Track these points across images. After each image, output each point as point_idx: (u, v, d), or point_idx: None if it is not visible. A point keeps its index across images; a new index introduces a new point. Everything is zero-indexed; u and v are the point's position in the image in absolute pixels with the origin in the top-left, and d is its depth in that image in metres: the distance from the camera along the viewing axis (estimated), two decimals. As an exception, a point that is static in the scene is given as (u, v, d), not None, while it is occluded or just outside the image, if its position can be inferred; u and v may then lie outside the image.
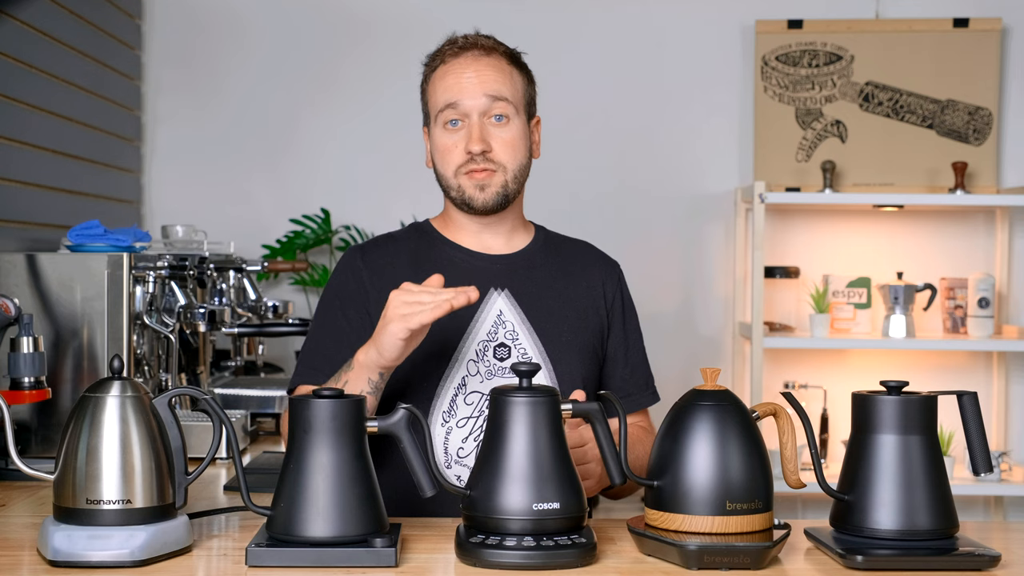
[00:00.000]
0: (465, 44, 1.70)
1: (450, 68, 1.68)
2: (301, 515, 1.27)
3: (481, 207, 1.68)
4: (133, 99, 3.05)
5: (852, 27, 3.16)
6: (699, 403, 1.33)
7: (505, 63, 1.69)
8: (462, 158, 1.66)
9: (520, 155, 1.69)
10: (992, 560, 1.29)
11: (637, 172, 3.19)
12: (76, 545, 1.25)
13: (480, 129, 1.65)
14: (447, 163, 1.68)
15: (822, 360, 3.20)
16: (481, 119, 1.66)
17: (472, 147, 1.64)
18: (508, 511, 1.28)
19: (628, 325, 1.78)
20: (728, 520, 1.29)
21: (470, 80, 1.66)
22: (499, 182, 1.67)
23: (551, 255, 1.76)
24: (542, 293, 1.71)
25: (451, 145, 1.67)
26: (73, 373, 1.86)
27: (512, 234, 1.75)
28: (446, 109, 1.67)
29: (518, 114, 1.68)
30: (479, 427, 1.64)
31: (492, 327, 1.67)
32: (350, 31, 3.17)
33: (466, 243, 1.74)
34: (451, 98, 1.66)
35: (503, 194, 1.68)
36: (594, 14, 3.18)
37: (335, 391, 1.31)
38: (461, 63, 1.68)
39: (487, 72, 1.67)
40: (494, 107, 1.66)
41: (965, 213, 3.20)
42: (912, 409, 1.34)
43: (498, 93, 1.66)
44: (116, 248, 1.94)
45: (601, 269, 1.78)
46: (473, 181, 1.66)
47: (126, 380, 1.32)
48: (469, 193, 1.67)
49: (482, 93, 1.65)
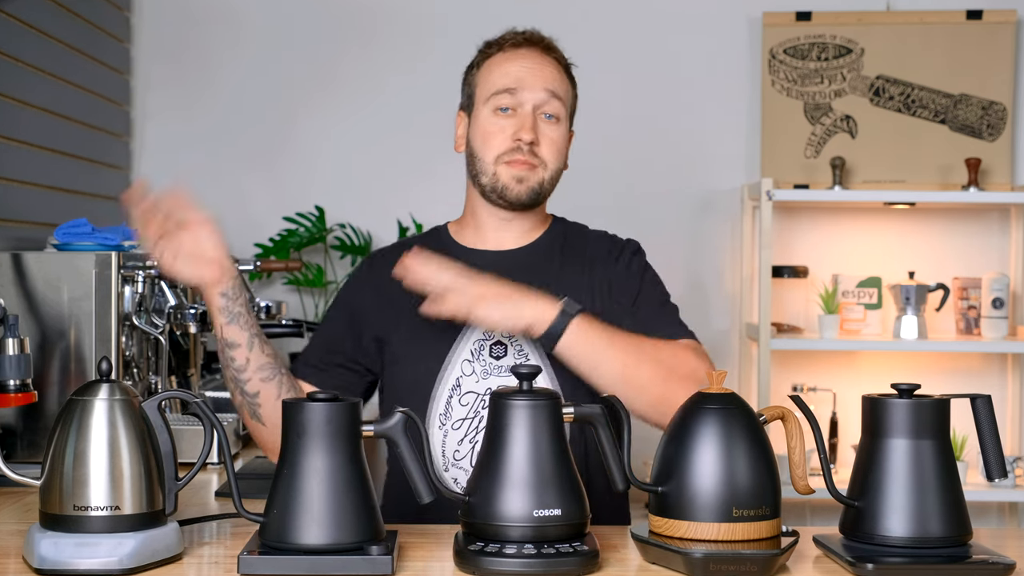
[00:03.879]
0: (529, 38, 1.71)
1: (510, 56, 1.69)
2: (295, 522, 1.25)
3: (515, 199, 1.67)
4: (122, 94, 3.03)
5: (862, 19, 3.12)
6: (705, 406, 1.31)
7: (560, 68, 1.72)
8: (506, 145, 1.66)
9: (560, 158, 1.70)
10: (1007, 568, 1.27)
11: (641, 168, 3.16)
12: (63, 553, 1.24)
13: (534, 121, 1.66)
14: (489, 147, 1.67)
15: (831, 362, 3.17)
16: (534, 112, 1.67)
17: (524, 135, 1.65)
18: (508, 517, 1.26)
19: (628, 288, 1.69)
20: (735, 527, 1.27)
21: (531, 71, 1.68)
22: (538, 179, 1.67)
23: (560, 249, 1.73)
24: (544, 288, 1.68)
25: (497, 130, 1.67)
26: (60, 375, 1.85)
27: (530, 231, 1.74)
28: (502, 93, 1.67)
29: (566, 118, 1.71)
30: (475, 428, 1.63)
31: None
32: (346, 26, 3.14)
33: (476, 241, 1.73)
34: (510, 83, 1.67)
35: (538, 191, 1.68)
36: (598, 6, 3.15)
37: (329, 394, 1.28)
38: (522, 54, 1.70)
39: (547, 69, 1.69)
40: (549, 104, 1.67)
41: (978, 211, 3.16)
42: (924, 413, 1.32)
43: (555, 90, 1.68)
44: (104, 247, 1.93)
45: (606, 255, 1.73)
46: (513, 171, 1.66)
47: (114, 383, 1.31)
48: (504, 182, 1.66)
49: (542, 86, 1.67)
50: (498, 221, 1.71)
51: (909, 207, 3.13)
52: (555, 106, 1.67)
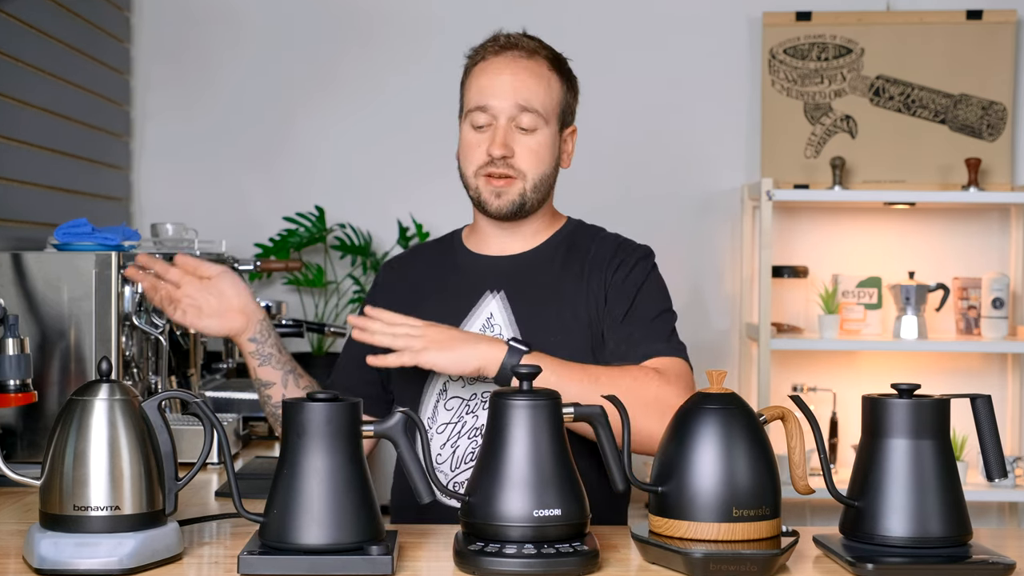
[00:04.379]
0: (507, 43, 1.69)
1: (488, 66, 1.68)
2: (295, 522, 1.25)
3: (495, 213, 1.68)
4: (122, 94, 3.03)
5: (862, 19, 3.12)
6: (705, 406, 1.31)
7: (546, 68, 1.68)
8: (483, 159, 1.66)
9: (544, 164, 1.68)
10: (1007, 568, 1.27)
11: (641, 168, 3.16)
12: (63, 553, 1.24)
13: (505, 134, 1.65)
14: (468, 161, 1.68)
15: (831, 362, 3.16)
16: (508, 124, 1.66)
17: (493, 151, 1.64)
18: (508, 517, 1.26)
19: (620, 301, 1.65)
20: (735, 527, 1.27)
21: (504, 84, 1.66)
22: (517, 191, 1.66)
23: (565, 252, 1.71)
24: (539, 294, 1.68)
25: (474, 144, 1.67)
26: (60, 375, 1.84)
27: (535, 234, 1.73)
28: (475, 111, 1.67)
29: (548, 124, 1.68)
30: (456, 433, 1.64)
31: (480, 330, 1.65)
32: (346, 26, 3.14)
33: (482, 246, 1.74)
34: (482, 100, 1.66)
35: (519, 203, 1.67)
36: (597, 6, 3.15)
37: (329, 394, 1.28)
38: (499, 63, 1.67)
39: (523, 77, 1.66)
40: (522, 117, 1.66)
41: (979, 211, 3.16)
42: (924, 413, 1.31)
43: (528, 103, 1.65)
44: (104, 247, 1.92)
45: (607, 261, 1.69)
46: (490, 187, 1.66)
47: (114, 383, 1.31)
48: (484, 197, 1.68)
49: (513, 101, 1.65)
50: (496, 229, 1.72)
51: (909, 207, 3.13)
52: (528, 119, 1.65)
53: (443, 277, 1.73)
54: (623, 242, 1.74)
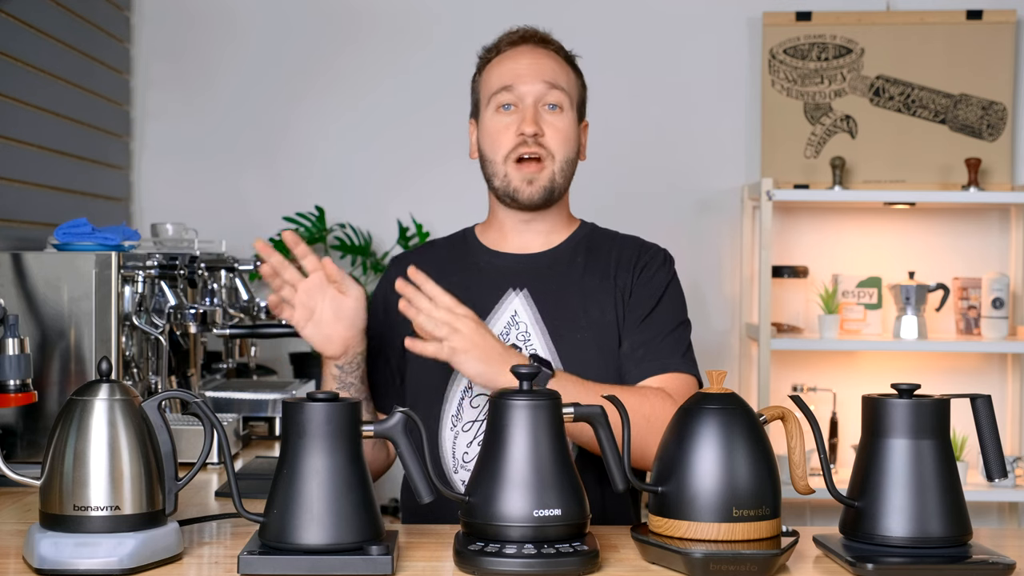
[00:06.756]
0: (524, 35, 1.72)
1: (507, 56, 1.70)
2: (295, 522, 1.24)
3: (527, 201, 1.66)
4: (122, 94, 3.03)
5: (862, 19, 3.12)
6: (705, 406, 1.31)
7: (561, 58, 1.71)
8: (513, 142, 1.65)
9: (570, 148, 1.68)
10: (1007, 568, 1.26)
11: (641, 168, 3.16)
12: (63, 553, 1.24)
13: (534, 112, 1.65)
14: (497, 147, 1.67)
15: (831, 362, 3.16)
16: (536, 105, 1.66)
17: (525, 128, 1.64)
18: (508, 517, 1.26)
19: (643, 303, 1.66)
20: (735, 527, 1.27)
21: (527, 66, 1.68)
22: (547, 176, 1.66)
23: (585, 252, 1.71)
24: (564, 292, 1.67)
25: (502, 128, 1.66)
26: (60, 376, 1.84)
27: (552, 232, 1.72)
28: (501, 92, 1.67)
29: (572, 107, 1.69)
30: (482, 431, 1.61)
31: (505, 328, 1.65)
32: (345, 25, 3.14)
33: (500, 243, 1.72)
34: (508, 80, 1.67)
35: (550, 188, 1.66)
36: (597, 6, 3.15)
37: (329, 394, 1.28)
38: (519, 52, 1.70)
39: (544, 61, 1.69)
40: (549, 94, 1.66)
41: (979, 211, 3.16)
42: (924, 413, 1.31)
43: (554, 80, 1.67)
44: (104, 247, 1.92)
45: (631, 263, 1.69)
46: (522, 173, 1.65)
47: (114, 383, 1.30)
48: (515, 184, 1.66)
49: (539, 79, 1.66)
50: (518, 223, 1.71)
51: (909, 207, 3.13)
52: (556, 95, 1.66)
53: (462, 273, 1.70)
54: (644, 244, 1.75)
